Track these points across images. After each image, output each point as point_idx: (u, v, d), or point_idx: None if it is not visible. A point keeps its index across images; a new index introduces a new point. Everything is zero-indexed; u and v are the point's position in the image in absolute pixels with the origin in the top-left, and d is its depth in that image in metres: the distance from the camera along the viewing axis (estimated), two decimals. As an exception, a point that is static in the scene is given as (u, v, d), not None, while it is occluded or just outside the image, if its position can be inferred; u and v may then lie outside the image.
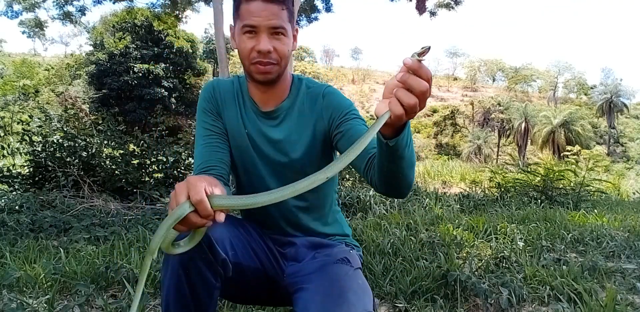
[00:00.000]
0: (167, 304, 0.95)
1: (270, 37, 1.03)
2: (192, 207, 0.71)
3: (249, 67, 1.07)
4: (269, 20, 1.01)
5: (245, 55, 1.05)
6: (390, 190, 0.95)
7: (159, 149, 5.01)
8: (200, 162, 1.10)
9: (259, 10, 1.00)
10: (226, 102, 1.18)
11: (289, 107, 1.16)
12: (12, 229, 3.11)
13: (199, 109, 1.19)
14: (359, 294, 0.94)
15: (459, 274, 2.00)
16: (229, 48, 8.75)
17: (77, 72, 28.71)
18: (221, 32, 6.66)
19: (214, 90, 1.19)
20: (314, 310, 0.90)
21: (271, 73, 1.06)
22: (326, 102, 1.14)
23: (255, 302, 1.38)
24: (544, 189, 5.79)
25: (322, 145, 1.15)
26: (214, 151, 1.12)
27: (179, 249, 0.81)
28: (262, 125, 1.16)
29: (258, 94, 1.16)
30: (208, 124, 1.16)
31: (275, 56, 1.05)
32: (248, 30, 1.02)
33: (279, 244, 1.19)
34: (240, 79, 1.21)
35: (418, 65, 0.69)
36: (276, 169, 1.16)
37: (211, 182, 0.75)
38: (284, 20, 1.03)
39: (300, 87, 1.18)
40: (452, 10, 10.20)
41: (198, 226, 0.74)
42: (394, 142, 0.79)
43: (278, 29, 1.03)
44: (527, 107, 40.71)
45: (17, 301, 1.72)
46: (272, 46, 1.03)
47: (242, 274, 1.05)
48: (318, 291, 0.95)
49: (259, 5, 1.00)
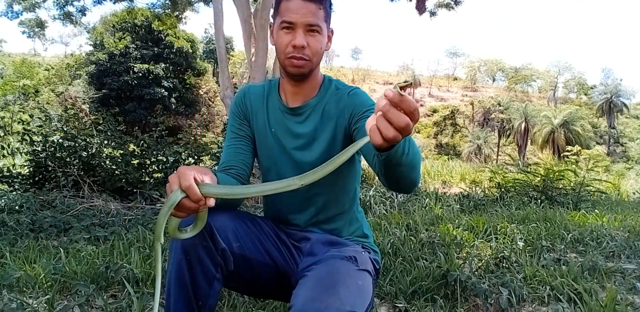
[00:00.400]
0: (168, 291, 1.00)
1: (305, 34, 1.09)
2: (183, 193, 0.79)
3: (283, 60, 1.13)
4: (305, 18, 1.07)
5: (282, 49, 1.12)
6: (395, 188, 0.97)
7: (159, 149, 5.01)
8: (224, 161, 1.20)
9: (298, 8, 1.07)
10: (255, 106, 1.25)
11: (316, 104, 1.20)
12: (12, 229, 3.11)
13: (230, 112, 1.29)
14: (352, 293, 0.93)
15: (459, 274, 2.00)
16: (229, 48, 8.76)
17: (77, 72, 28.70)
18: (221, 32, 6.66)
19: (245, 96, 1.27)
20: (302, 295, 0.92)
21: (303, 67, 1.13)
22: (350, 99, 1.18)
23: (262, 295, 1.39)
24: (544, 189, 5.79)
25: (342, 143, 1.18)
26: (237, 153, 1.21)
27: (185, 235, 0.90)
28: (288, 122, 1.21)
29: (289, 88, 1.21)
30: (235, 127, 1.25)
31: (309, 52, 1.11)
32: (286, 26, 1.09)
33: (295, 238, 1.21)
34: (272, 82, 1.28)
35: (399, 98, 0.65)
36: (298, 166, 1.19)
37: (201, 171, 0.84)
38: (320, 18, 1.10)
39: (329, 87, 1.22)
40: (452, 10, 10.19)
41: (193, 210, 0.82)
42: (385, 155, 0.79)
43: (313, 27, 1.09)
44: (527, 107, 40.70)
45: (17, 301, 1.72)
46: (306, 42, 1.09)
47: (250, 268, 1.08)
48: (312, 279, 0.99)
49: (298, 3, 1.07)
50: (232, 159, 1.19)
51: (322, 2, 1.09)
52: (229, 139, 1.24)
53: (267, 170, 1.25)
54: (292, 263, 1.16)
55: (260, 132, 1.23)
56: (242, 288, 1.21)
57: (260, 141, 1.24)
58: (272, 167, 1.23)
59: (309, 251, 1.18)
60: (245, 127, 1.25)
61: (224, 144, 1.26)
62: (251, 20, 6.51)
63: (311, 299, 0.88)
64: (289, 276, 1.14)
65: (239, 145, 1.22)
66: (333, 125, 1.17)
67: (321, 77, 1.24)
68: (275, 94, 1.24)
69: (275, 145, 1.21)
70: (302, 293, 0.92)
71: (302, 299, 0.90)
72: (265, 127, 1.22)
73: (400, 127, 0.66)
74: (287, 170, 1.20)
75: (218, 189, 0.83)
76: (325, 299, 0.88)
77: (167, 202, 0.80)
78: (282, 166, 1.21)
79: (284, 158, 1.21)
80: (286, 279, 1.14)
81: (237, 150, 1.21)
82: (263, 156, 1.25)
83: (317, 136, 1.18)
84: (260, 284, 1.15)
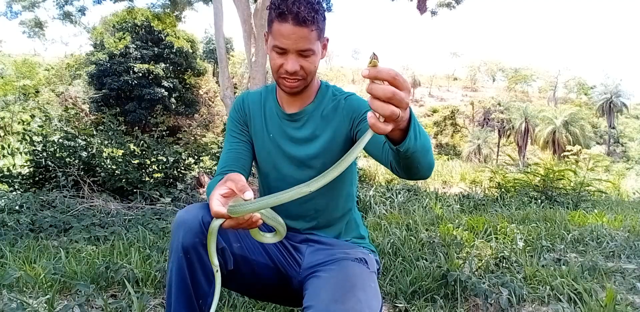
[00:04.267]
0: (169, 290, 1.00)
1: (297, 58, 1.09)
2: (219, 220, 0.84)
3: (277, 79, 1.16)
4: (297, 44, 1.07)
5: (274, 69, 1.13)
6: (415, 176, 0.95)
7: (159, 149, 5.01)
8: (223, 165, 1.20)
9: (289, 34, 1.05)
10: (253, 112, 1.27)
11: (313, 110, 1.21)
12: (12, 229, 3.11)
13: (229, 118, 1.30)
14: (369, 296, 0.95)
15: (459, 274, 2.00)
16: (229, 48, 8.75)
17: (77, 72, 28.69)
18: (221, 32, 6.66)
19: (243, 102, 1.29)
20: (324, 296, 0.93)
21: (297, 87, 1.15)
22: (347, 103, 1.19)
23: (262, 297, 1.39)
24: (544, 189, 5.79)
25: (342, 144, 1.18)
26: (238, 157, 1.22)
27: (266, 239, 0.94)
28: (286, 127, 1.22)
29: (285, 97, 1.23)
30: (234, 132, 1.27)
31: (302, 73, 1.12)
32: (277, 51, 1.09)
33: (295, 240, 1.23)
34: (268, 87, 1.29)
35: (375, 71, 0.65)
36: (299, 167, 1.21)
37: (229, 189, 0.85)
38: (312, 41, 1.08)
39: (326, 93, 1.23)
40: (453, 10, 10.20)
41: (244, 226, 0.85)
42: (403, 147, 0.78)
43: (306, 52, 1.09)
44: (527, 108, 40.69)
45: (17, 301, 1.72)
46: (299, 66, 1.10)
47: (250, 268, 1.10)
48: (330, 281, 0.99)
49: (290, 28, 1.05)
50: (233, 163, 1.20)
51: (313, 23, 1.06)
52: (229, 143, 1.25)
53: (266, 175, 1.26)
54: (294, 265, 1.16)
55: (258, 137, 1.25)
56: (242, 289, 1.21)
57: (259, 146, 1.25)
58: (271, 171, 1.24)
59: (310, 252, 1.19)
60: (245, 132, 1.26)
61: (223, 148, 1.27)
62: (251, 20, 6.51)
63: (333, 301, 0.90)
64: (289, 277, 1.15)
65: (239, 150, 1.23)
66: (332, 128, 1.18)
67: (318, 83, 1.25)
68: (272, 99, 1.25)
69: (273, 150, 1.22)
70: (323, 295, 0.93)
71: (323, 300, 0.91)
72: (263, 133, 1.24)
73: (388, 98, 0.65)
74: (287, 173, 1.21)
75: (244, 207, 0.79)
76: (346, 301, 0.89)
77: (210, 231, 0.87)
78: (281, 169, 1.22)
79: (284, 162, 1.22)
80: (286, 280, 1.15)
81: (238, 154, 1.22)
82: (262, 161, 1.26)
83: (315, 138, 1.19)
84: (260, 284, 1.16)
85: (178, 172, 5.07)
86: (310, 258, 1.17)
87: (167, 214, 3.92)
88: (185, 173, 5.17)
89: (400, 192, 5.60)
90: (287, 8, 1.03)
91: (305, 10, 1.04)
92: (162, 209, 4.04)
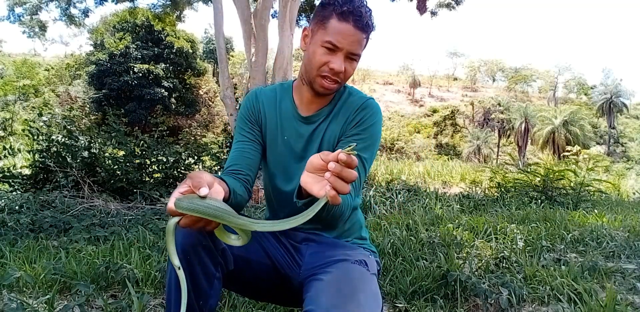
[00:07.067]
0: (169, 291, 0.99)
1: (345, 59, 1.09)
2: (175, 218, 0.82)
3: (315, 77, 1.12)
4: (352, 46, 1.07)
5: (316, 66, 1.10)
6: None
7: (159, 149, 5.01)
8: (230, 164, 1.18)
9: (347, 34, 1.05)
10: (268, 111, 1.23)
11: (328, 112, 1.20)
12: (12, 229, 3.11)
13: (239, 116, 1.25)
14: (369, 299, 0.95)
15: (459, 274, 2.00)
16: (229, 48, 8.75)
17: (77, 72, 28.73)
18: (221, 32, 6.66)
19: (256, 99, 1.24)
20: (325, 300, 0.92)
21: (332, 90, 1.13)
22: (358, 115, 1.18)
23: (262, 298, 1.39)
24: (544, 189, 5.79)
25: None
26: (245, 157, 1.18)
27: (232, 242, 0.91)
28: (300, 128, 1.20)
29: (307, 96, 1.20)
30: (244, 131, 1.22)
31: (343, 76, 1.11)
32: (329, 47, 1.07)
33: (296, 240, 1.22)
34: (284, 86, 1.26)
35: (351, 159, 0.75)
36: None
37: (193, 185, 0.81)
38: (362, 47, 1.10)
39: (343, 94, 1.22)
40: (453, 10, 10.20)
41: (201, 225, 0.82)
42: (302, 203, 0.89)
43: (355, 56, 1.09)
44: (527, 108, 40.70)
45: (17, 301, 1.72)
46: (344, 67, 1.09)
47: (250, 269, 1.09)
48: (331, 284, 0.98)
49: (350, 29, 1.05)
50: (240, 163, 1.17)
51: (368, 32, 1.08)
52: (237, 142, 1.22)
53: (273, 175, 1.24)
54: (294, 265, 1.16)
55: (271, 138, 1.22)
56: (242, 289, 1.21)
57: (271, 147, 1.23)
58: (279, 173, 1.23)
59: (311, 252, 1.18)
60: (256, 131, 1.23)
61: (232, 146, 1.24)
62: (251, 20, 6.51)
63: (333, 306, 0.89)
64: (289, 277, 1.14)
65: (247, 149, 1.20)
66: (339, 130, 1.19)
67: None
68: (288, 99, 1.23)
69: (286, 152, 1.20)
70: (322, 298, 0.93)
71: (323, 305, 0.91)
72: (277, 134, 1.21)
73: (352, 180, 0.76)
74: (296, 175, 1.19)
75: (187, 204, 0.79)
76: (347, 305, 0.89)
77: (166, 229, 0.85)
78: (290, 171, 1.21)
79: (294, 165, 1.20)
80: (286, 280, 1.15)
81: (245, 154, 1.19)
82: (271, 161, 1.24)
83: (325, 140, 1.19)
84: (260, 285, 1.16)
85: (178, 173, 5.07)
86: (311, 259, 1.16)
87: (167, 214, 3.92)
88: (185, 173, 5.17)
89: (400, 192, 5.60)
90: (354, 9, 1.04)
91: (367, 16, 1.06)
92: (162, 209, 4.04)
